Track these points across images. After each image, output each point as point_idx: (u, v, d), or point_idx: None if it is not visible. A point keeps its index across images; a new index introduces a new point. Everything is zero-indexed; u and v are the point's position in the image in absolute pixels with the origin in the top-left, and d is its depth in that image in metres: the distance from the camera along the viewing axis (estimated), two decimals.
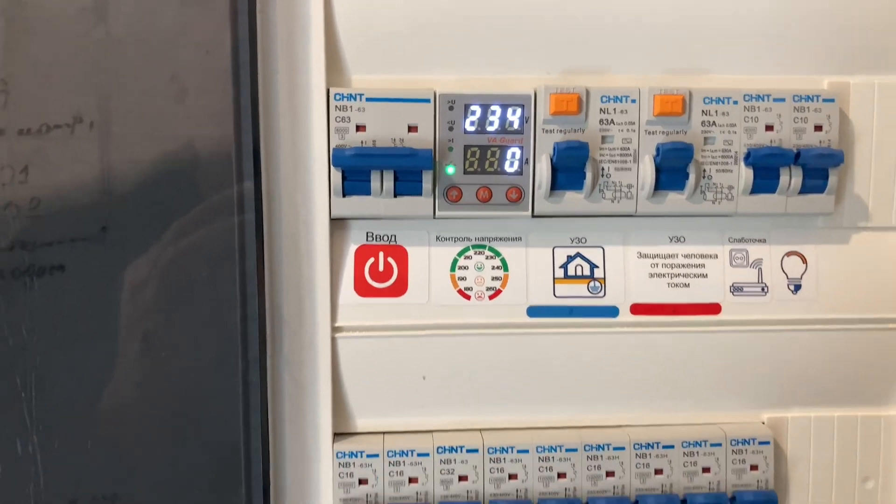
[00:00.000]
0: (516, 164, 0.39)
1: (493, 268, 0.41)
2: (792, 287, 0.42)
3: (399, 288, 0.41)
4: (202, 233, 0.40)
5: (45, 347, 0.41)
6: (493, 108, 0.38)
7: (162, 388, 0.42)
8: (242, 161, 0.41)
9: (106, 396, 0.41)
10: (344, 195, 0.39)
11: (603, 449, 0.41)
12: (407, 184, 0.39)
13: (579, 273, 0.41)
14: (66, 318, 0.41)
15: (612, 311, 0.41)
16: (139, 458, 0.42)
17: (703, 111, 0.39)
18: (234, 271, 0.40)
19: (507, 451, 0.41)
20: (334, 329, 0.40)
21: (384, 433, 0.42)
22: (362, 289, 0.40)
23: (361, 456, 0.41)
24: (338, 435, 0.41)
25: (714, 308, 0.42)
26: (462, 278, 0.41)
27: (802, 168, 0.40)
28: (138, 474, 0.42)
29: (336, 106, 0.38)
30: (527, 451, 0.41)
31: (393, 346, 0.41)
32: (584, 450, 0.41)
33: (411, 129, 0.38)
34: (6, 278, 0.41)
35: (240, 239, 0.40)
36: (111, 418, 0.42)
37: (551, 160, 0.39)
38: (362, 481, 0.41)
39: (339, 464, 0.40)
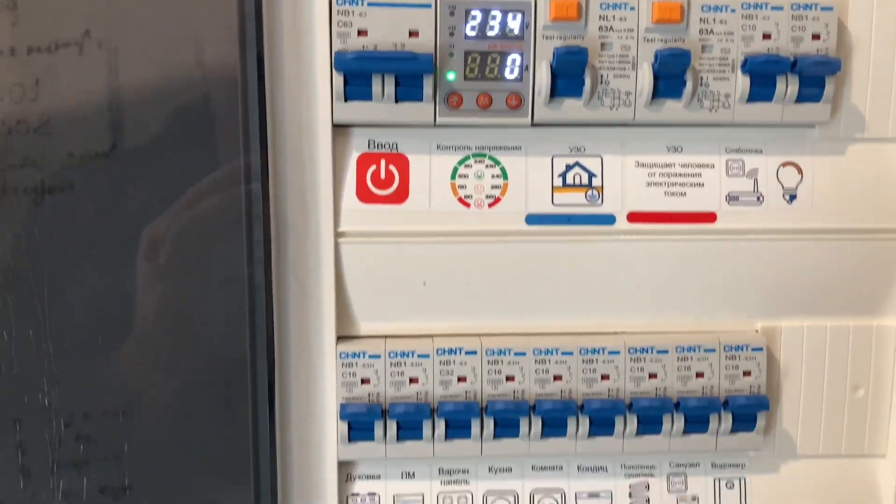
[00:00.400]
0: (516, 70, 0.40)
1: (492, 176, 0.42)
2: (787, 197, 0.43)
3: (400, 195, 0.42)
4: (205, 140, 0.41)
5: (56, 265, 0.42)
6: (493, 13, 0.39)
7: (169, 295, 0.43)
8: (247, 71, 0.42)
9: (116, 310, 0.43)
10: (346, 100, 0.39)
11: (598, 353, 0.43)
12: (408, 89, 0.39)
13: (577, 182, 0.42)
14: (76, 235, 0.42)
15: (609, 220, 0.42)
16: (149, 370, 0.44)
17: (700, 19, 0.40)
18: (238, 177, 0.41)
19: (504, 354, 0.42)
20: (337, 234, 0.41)
21: (386, 337, 0.43)
22: (364, 195, 0.41)
23: (364, 356, 0.42)
24: (341, 338, 0.43)
25: (710, 217, 0.42)
26: (462, 186, 0.42)
27: (799, 76, 0.40)
28: (148, 386, 0.44)
29: (338, 11, 0.39)
30: (524, 354, 0.42)
31: (394, 253, 0.42)
32: (580, 353, 0.42)
33: (412, 34, 0.39)
34: (18, 195, 0.42)
35: (244, 145, 0.41)
36: (121, 332, 0.43)
37: (551, 67, 0.40)
38: (364, 381, 0.42)
39: (343, 364, 0.42)
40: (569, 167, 0.42)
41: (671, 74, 0.40)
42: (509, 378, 0.43)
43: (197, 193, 0.41)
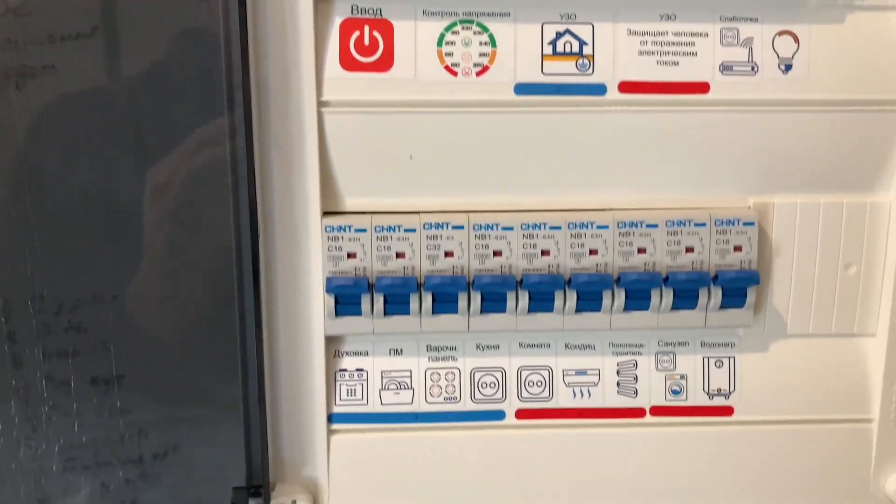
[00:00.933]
0: None
1: (480, 44, 0.41)
2: (783, 67, 0.41)
3: (385, 63, 0.41)
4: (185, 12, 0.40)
5: (39, 148, 0.41)
6: None
7: (153, 180, 0.42)
8: None
9: (100, 196, 0.42)
10: None
11: (586, 227, 0.42)
12: None
13: (568, 50, 0.41)
14: (58, 118, 0.41)
15: (600, 89, 0.41)
16: (135, 257, 0.43)
17: None
18: (217, 43, 0.40)
19: (491, 228, 0.42)
20: (320, 103, 0.40)
21: (372, 213, 0.42)
22: (348, 63, 0.40)
23: (350, 230, 0.42)
24: (327, 214, 0.42)
25: (703, 87, 0.41)
26: (449, 54, 0.41)
27: None
28: (135, 273, 0.44)
29: None
30: (511, 229, 0.42)
31: (379, 123, 0.41)
32: (568, 228, 0.42)
33: None
34: None
35: (224, 12, 0.40)
36: (106, 217, 0.43)
37: None
38: (351, 255, 0.42)
39: (328, 238, 0.41)
40: (559, 35, 0.41)
41: None
42: (497, 253, 0.42)
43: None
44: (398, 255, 0.42)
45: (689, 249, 0.42)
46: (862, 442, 0.46)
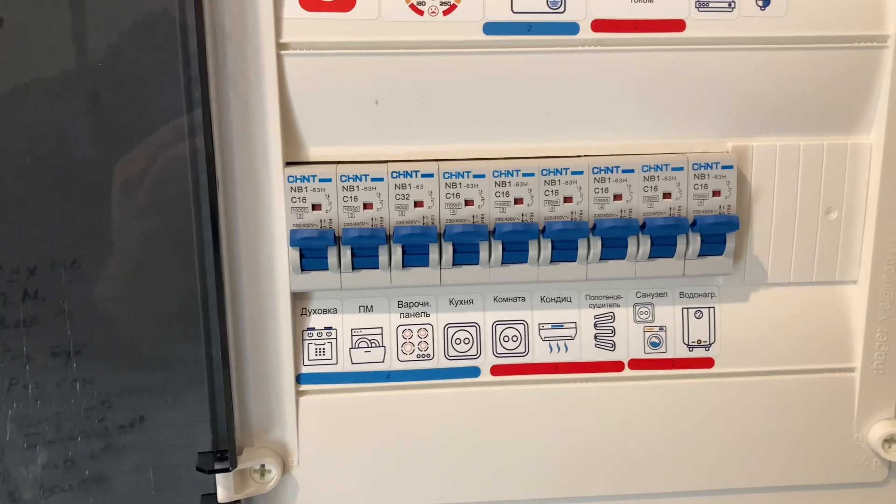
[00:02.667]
0: None
1: None
2: (760, 3, 0.40)
3: (347, 2, 0.38)
4: None
5: None
6: None
7: (109, 130, 0.40)
8: None
9: (55, 154, 0.40)
10: None
11: (560, 174, 0.40)
12: None
13: None
14: (9, 70, 0.39)
15: (572, 28, 0.40)
16: (95, 221, 0.41)
17: None
18: None
19: (462, 177, 0.40)
20: (279, 46, 0.38)
21: (337, 162, 0.41)
22: (308, 2, 0.38)
23: (314, 180, 0.40)
24: (290, 164, 0.40)
25: (678, 25, 0.40)
26: None
27: None
28: (95, 238, 0.42)
29: None
30: (483, 177, 0.40)
31: (342, 67, 0.39)
32: (542, 174, 0.40)
33: None
34: None
35: None
36: (63, 182, 0.40)
37: None
38: (315, 206, 0.40)
39: (291, 188, 0.40)
40: None
41: None
42: (468, 202, 0.40)
43: None
44: (365, 206, 0.40)
45: (667, 195, 0.41)
46: (844, 391, 0.45)
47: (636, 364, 0.44)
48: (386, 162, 0.40)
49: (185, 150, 0.39)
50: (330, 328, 0.43)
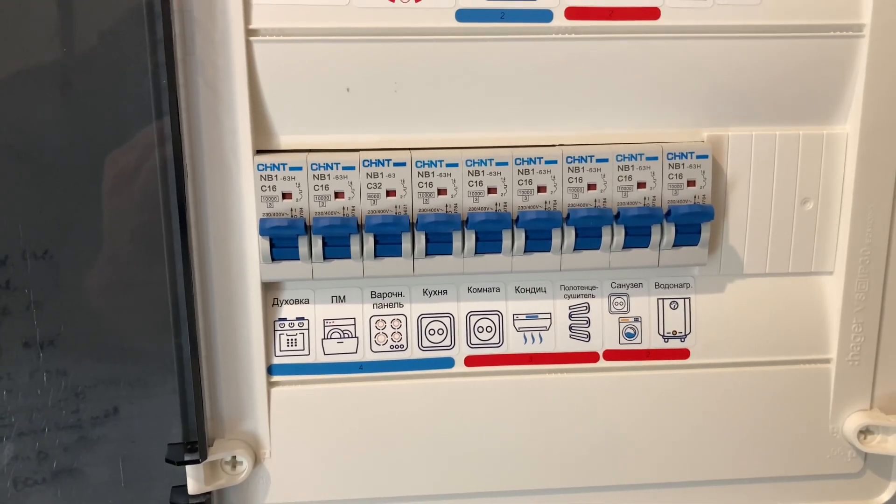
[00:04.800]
0: None
1: None
2: None
3: None
4: None
5: None
6: None
7: (80, 120, 0.40)
8: None
9: (26, 144, 0.39)
10: None
11: (534, 163, 0.40)
12: None
13: None
14: None
15: (545, 16, 0.39)
16: (67, 211, 0.41)
17: None
18: None
19: (435, 165, 0.40)
20: (249, 31, 0.38)
21: (308, 150, 0.40)
22: None
23: (284, 169, 0.39)
24: (260, 152, 0.40)
25: (653, 13, 0.39)
26: None
27: None
28: (67, 228, 0.41)
29: None
30: (456, 165, 0.40)
31: (313, 54, 0.38)
32: (515, 164, 0.40)
33: None
34: None
35: None
36: (33, 170, 0.40)
37: None
38: (286, 195, 0.39)
39: (261, 177, 0.39)
40: None
41: None
42: (441, 192, 0.40)
43: None
44: (337, 195, 0.39)
45: (641, 185, 0.41)
46: (820, 382, 0.45)
47: (611, 355, 0.44)
48: (357, 150, 0.40)
49: (153, 141, 0.39)
50: (302, 319, 0.42)
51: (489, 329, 0.43)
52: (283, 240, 0.40)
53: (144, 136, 0.39)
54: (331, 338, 0.42)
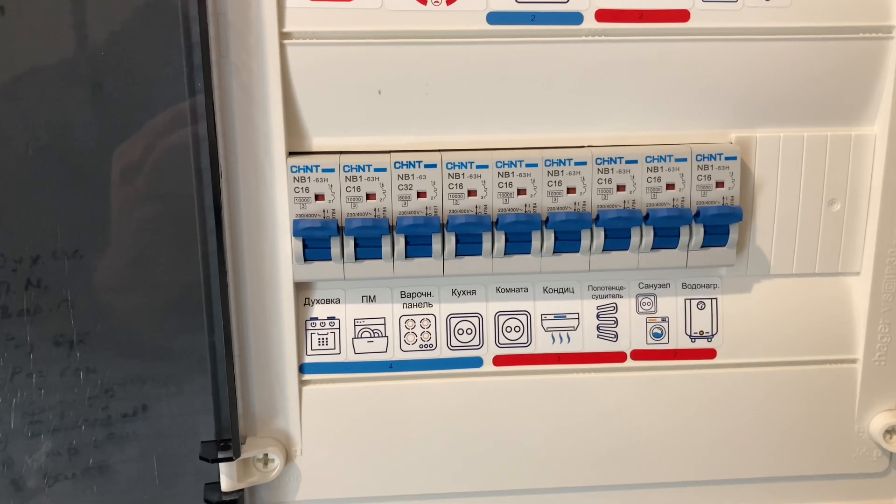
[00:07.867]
0: None
1: None
2: None
3: None
4: None
5: None
6: None
7: (111, 120, 0.40)
8: None
9: (57, 143, 0.40)
10: None
11: (564, 164, 0.40)
12: None
13: None
14: (10, 69, 0.39)
15: (576, 18, 0.39)
16: (97, 210, 0.41)
17: None
18: None
19: (465, 167, 0.40)
20: (283, 35, 0.38)
21: (340, 152, 0.40)
22: None
23: (317, 170, 0.40)
24: (293, 154, 0.40)
25: (683, 15, 0.40)
26: None
27: None
28: (98, 227, 0.42)
29: None
30: (486, 167, 0.40)
31: (346, 56, 0.39)
32: (545, 165, 0.40)
33: None
34: None
35: None
36: (65, 170, 0.40)
37: None
38: (319, 197, 0.40)
39: (294, 178, 0.39)
40: None
41: None
42: (471, 193, 0.40)
43: None
44: (368, 197, 0.40)
45: (670, 186, 0.41)
46: (846, 382, 0.45)
47: (638, 355, 0.44)
48: (389, 152, 0.40)
49: (187, 138, 0.39)
50: (333, 318, 0.43)
51: (517, 329, 0.43)
52: (315, 240, 0.40)
53: (179, 138, 0.40)
54: (361, 337, 0.43)
